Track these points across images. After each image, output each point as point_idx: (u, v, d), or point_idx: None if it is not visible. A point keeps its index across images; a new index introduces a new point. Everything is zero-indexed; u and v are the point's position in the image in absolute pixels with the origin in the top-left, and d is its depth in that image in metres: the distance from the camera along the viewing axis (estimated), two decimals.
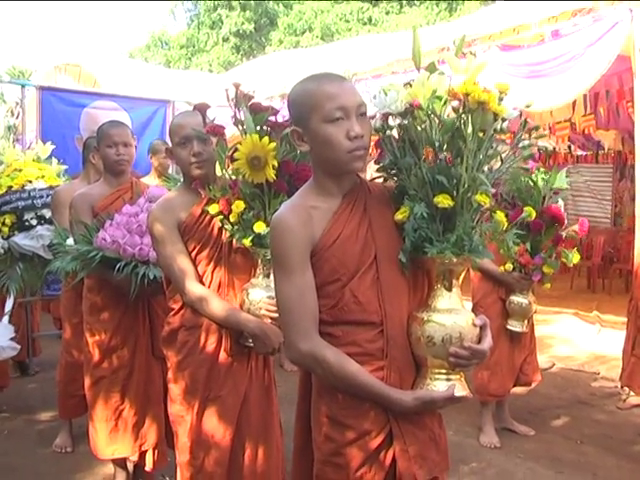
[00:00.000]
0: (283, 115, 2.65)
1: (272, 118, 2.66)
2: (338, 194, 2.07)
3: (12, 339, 5.18)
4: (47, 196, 4.99)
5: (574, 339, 8.26)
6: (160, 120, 7.34)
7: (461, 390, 1.97)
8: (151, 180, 5.66)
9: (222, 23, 28.74)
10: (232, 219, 2.71)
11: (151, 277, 3.30)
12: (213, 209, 2.79)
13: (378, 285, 2.01)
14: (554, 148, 12.77)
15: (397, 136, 2.07)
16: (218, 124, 2.70)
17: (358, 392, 1.96)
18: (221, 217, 2.76)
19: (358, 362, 1.96)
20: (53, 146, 5.54)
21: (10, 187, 5.07)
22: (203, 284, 2.83)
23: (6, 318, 5.37)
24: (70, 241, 4.15)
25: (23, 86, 7.12)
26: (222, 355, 2.84)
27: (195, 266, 2.84)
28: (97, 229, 3.60)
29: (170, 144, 2.97)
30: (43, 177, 5.17)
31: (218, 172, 2.94)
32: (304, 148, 2.04)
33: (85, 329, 3.81)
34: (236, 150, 2.56)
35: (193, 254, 2.85)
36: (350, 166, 1.99)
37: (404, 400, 1.94)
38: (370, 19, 26.83)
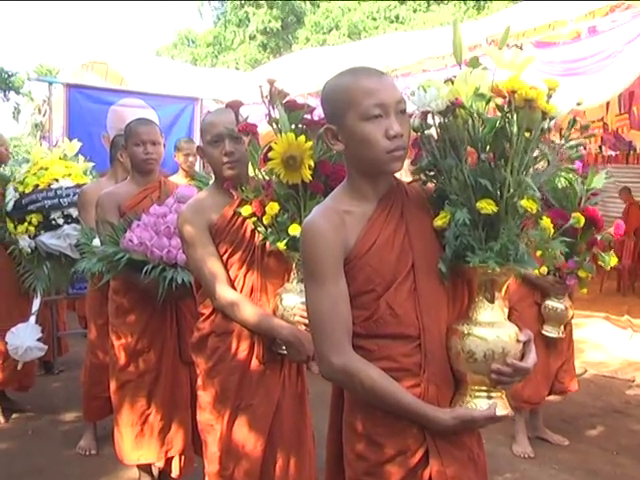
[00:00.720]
0: (318, 114, 2.55)
1: (307, 116, 2.55)
2: (373, 197, 1.95)
3: (39, 339, 5.14)
4: (74, 195, 4.93)
5: (606, 344, 8.07)
6: (188, 118, 7.24)
7: (502, 409, 1.84)
8: (179, 179, 5.59)
9: (249, 21, 28.70)
10: (265, 221, 2.60)
11: (179, 281, 3.20)
12: (246, 211, 2.68)
13: (415, 296, 1.89)
14: (585, 147, 12.56)
15: (436, 135, 1.95)
16: (251, 122, 2.59)
17: (393, 410, 1.85)
18: (254, 219, 2.65)
19: (394, 378, 1.84)
20: (80, 143, 5.47)
21: (36, 186, 5.02)
22: (235, 289, 2.73)
23: (33, 318, 5.29)
24: (97, 241, 4.09)
25: (50, 83, 7.07)
26: (254, 362, 2.73)
27: (226, 270, 2.74)
28: (124, 229, 3.51)
29: (199, 142, 2.87)
30: (70, 175, 5.11)
31: (251, 172, 2.84)
32: (338, 147, 1.92)
33: (111, 331, 3.73)
34: (270, 149, 2.46)
35: (224, 257, 2.75)
36: (388, 167, 1.87)
37: (442, 419, 1.83)
38: (397, 17, 26.64)
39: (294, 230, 2.47)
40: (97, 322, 4.56)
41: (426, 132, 1.92)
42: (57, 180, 5.05)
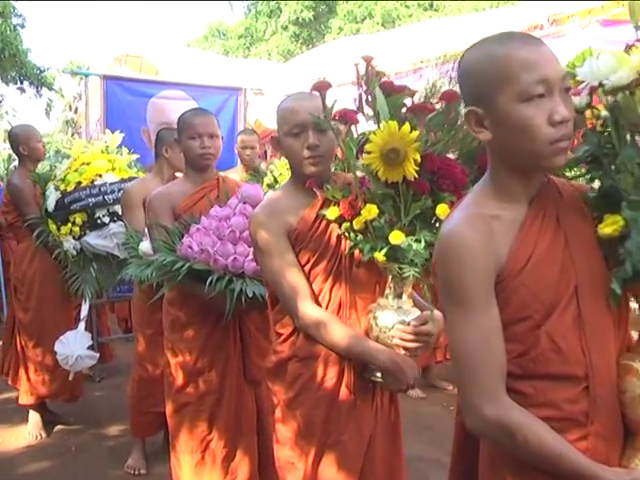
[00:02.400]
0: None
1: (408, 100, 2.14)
2: (524, 199, 1.55)
3: (90, 347, 4.80)
4: (118, 191, 4.61)
5: None
6: (231, 109, 6.84)
7: None
8: (238, 174, 5.21)
9: (280, 11, 28.21)
10: (356, 226, 2.18)
11: (249, 294, 2.79)
12: (332, 213, 2.27)
13: (580, 325, 1.49)
14: None
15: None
16: (349, 109, 2.17)
17: (556, 470, 1.44)
18: (347, 225, 2.23)
19: (555, 429, 1.45)
20: (122, 134, 5.12)
21: (79, 183, 4.67)
22: (319, 304, 2.32)
23: (82, 324, 4.96)
24: (145, 244, 3.76)
25: (86, 76, 6.70)
26: (343, 392, 2.31)
27: (309, 283, 2.34)
28: (180, 234, 3.13)
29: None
30: (113, 169, 4.74)
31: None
32: (484, 136, 1.53)
33: (166, 348, 3.32)
34: (367, 141, 2.05)
35: (307, 268, 2.34)
36: (550, 162, 1.47)
37: None
38: (431, 4, 26.13)
39: (396, 238, 2.05)
40: (145, 332, 4.21)
41: (601, 113, 1.50)
42: (100, 176, 4.71)
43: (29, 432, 5.03)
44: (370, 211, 2.08)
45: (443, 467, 2.80)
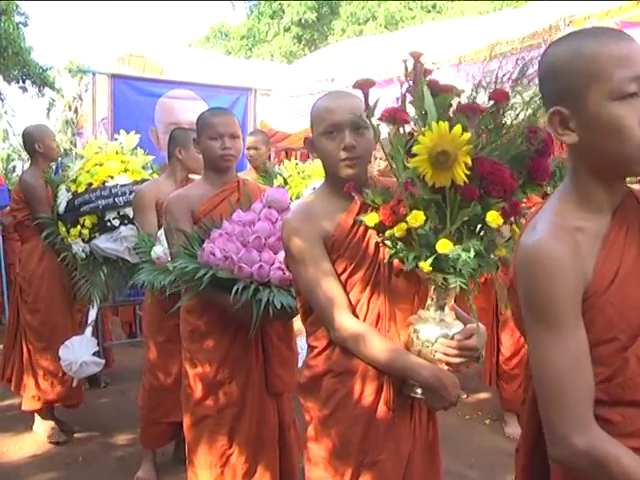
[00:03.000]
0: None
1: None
2: (608, 209, 1.43)
3: (95, 353, 4.66)
4: (130, 193, 4.46)
5: None
6: (241, 109, 6.67)
7: None
8: (250, 177, 5.08)
9: (283, 12, 28.12)
10: (398, 233, 2.04)
11: (277, 305, 2.64)
12: (371, 220, 2.12)
13: None
14: None
15: None
16: (398, 108, 2.03)
17: None
18: (390, 232, 2.07)
19: None
20: (139, 135, 4.98)
21: (90, 184, 4.53)
22: (356, 316, 2.18)
23: (89, 330, 4.79)
24: (158, 249, 3.63)
25: (93, 74, 6.54)
26: (381, 409, 2.18)
27: (346, 293, 2.20)
28: (200, 239, 2.99)
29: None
30: (126, 171, 4.60)
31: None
32: (569, 138, 1.40)
33: (184, 359, 3.18)
34: (415, 142, 1.91)
35: (343, 277, 2.20)
36: None
37: None
38: (434, 6, 26.04)
39: (444, 247, 1.91)
40: (157, 339, 4.06)
41: None
42: (112, 177, 4.56)
43: (48, 437, 4.88)
44: (416, 218, 1.94)
45: None
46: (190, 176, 4.25)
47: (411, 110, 2.03)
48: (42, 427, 4.99)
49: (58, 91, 17.49)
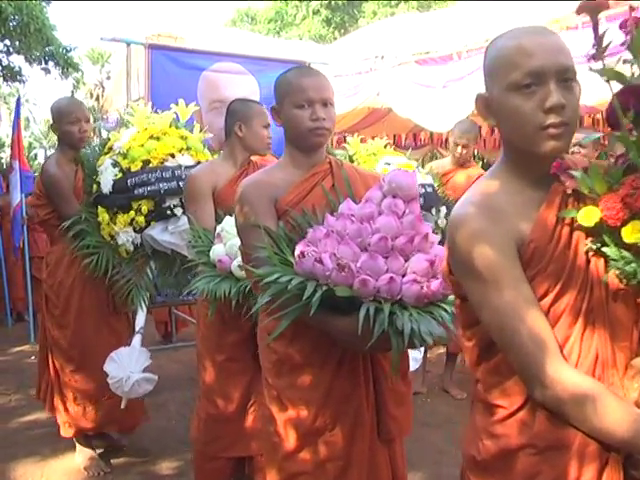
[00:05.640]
0: None
1: None
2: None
3: (147, 368, 3.84)
4: None
5: None
6: None
7: None
8: None
9: None
10: (629, 238, 1.32)
11: (427, 338, 1.85)
12: (588, 217, 1.39)
13: None
14: None
15: None
16: None
17: None
18: (612, 237, 1.34)
19: None
20: (197, 107, 4.20)
21: (147, 162, 3.72)
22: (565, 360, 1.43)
23: (137, 339, 3.97)
24: (219, 249, 2.97)
25: (128, 44, 5.78)
26: None
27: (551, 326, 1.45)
28: (287, 239, 2.22)
29: None
30: (188, 150, 3.80)
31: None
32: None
33: (269, 397, 2.36)
34: None
35: (544, 304, 1.46)
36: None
37: None
38: None
39: None
40: (215, 359, 3.28)
41: None
42: (173, 156, 3.75)
43: (85, 469, 4.15)
44: None
45: None
46: (252, 158, 3.51)
47: None
48: (81, 457, 4.24)
49: (81, 76, 16.82)
